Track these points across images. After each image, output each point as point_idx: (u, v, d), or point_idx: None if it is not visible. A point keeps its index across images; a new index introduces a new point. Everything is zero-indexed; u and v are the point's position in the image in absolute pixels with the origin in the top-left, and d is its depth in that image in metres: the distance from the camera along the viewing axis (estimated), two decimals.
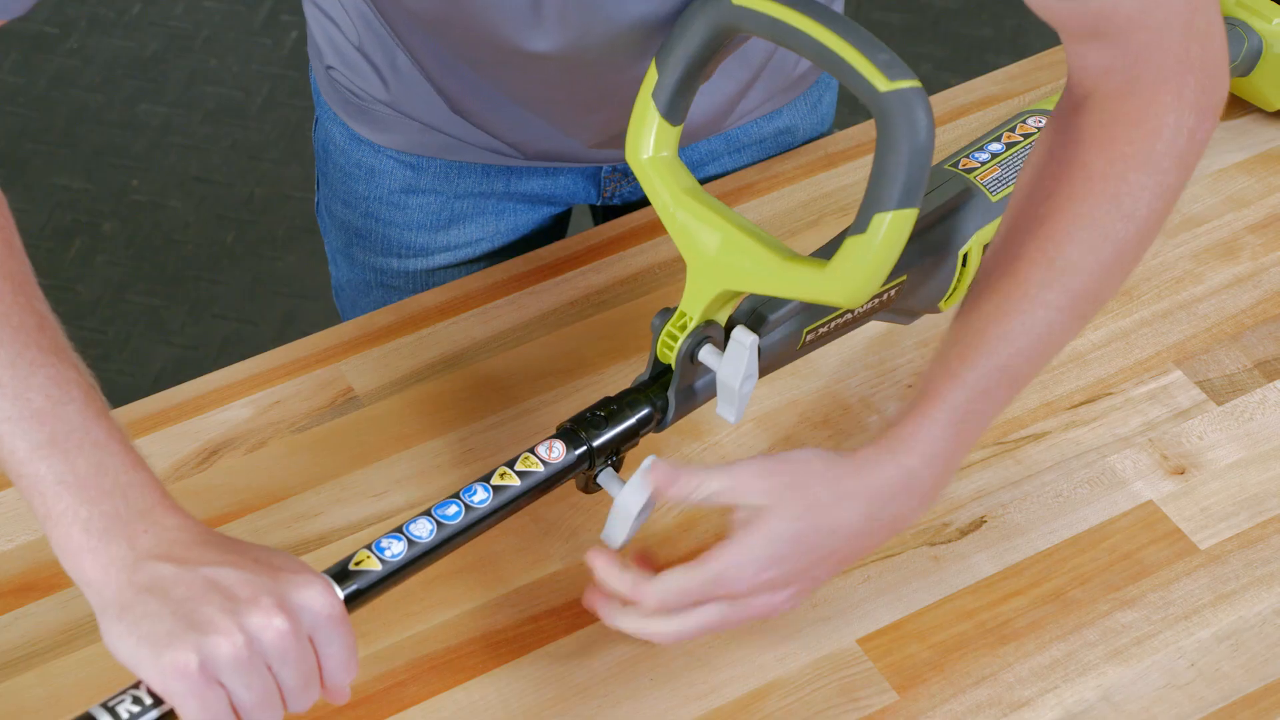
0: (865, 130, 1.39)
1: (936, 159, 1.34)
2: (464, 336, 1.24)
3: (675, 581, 0.96)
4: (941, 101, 1.41)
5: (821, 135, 1.39)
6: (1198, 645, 1.07)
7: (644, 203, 1.34)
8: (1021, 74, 1.44)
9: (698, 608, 0.96)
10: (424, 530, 0.94)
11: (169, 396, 1.20)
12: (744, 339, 0.98)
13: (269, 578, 0.85)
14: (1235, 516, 1.13)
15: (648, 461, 0.97)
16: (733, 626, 0.97)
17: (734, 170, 1.35)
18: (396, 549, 0.93)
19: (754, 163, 1.36)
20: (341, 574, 0.92)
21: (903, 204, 0.88)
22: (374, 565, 0.92)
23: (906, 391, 1.19)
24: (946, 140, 1.38)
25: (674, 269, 1.27)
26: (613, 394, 1.01)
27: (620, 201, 1.36)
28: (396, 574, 0.93)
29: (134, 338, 2.48)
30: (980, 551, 1.11)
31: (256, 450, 1.16)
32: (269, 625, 0.84)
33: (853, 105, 2.88)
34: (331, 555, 1.10)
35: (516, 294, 1.26)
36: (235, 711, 0.84)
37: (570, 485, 1.01)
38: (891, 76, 0.87)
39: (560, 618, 1.08)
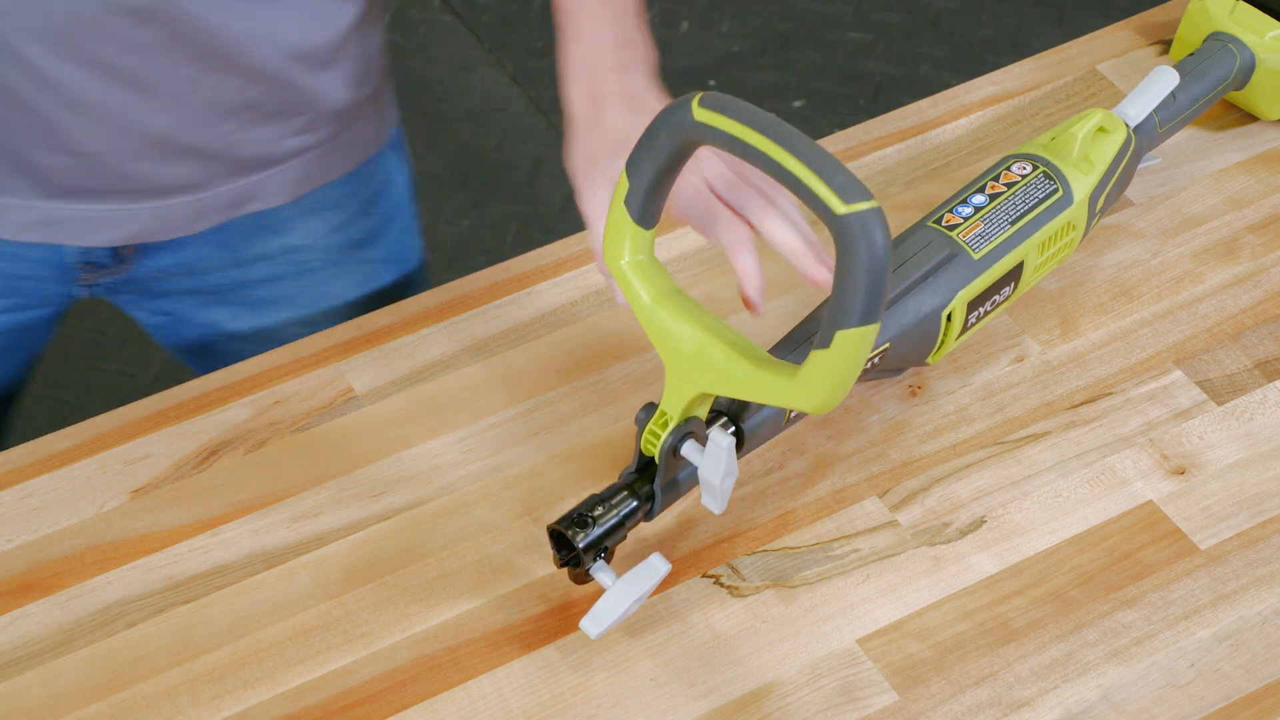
0: (866, 129, 1.39)
1: (932, 176, 1.34)
2: (464, 336, 1.24)
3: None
4: (941, 101, 1.41)
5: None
6: (1198, 645, 1.07)
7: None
8: (1021, 74, 1.44)
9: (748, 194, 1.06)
10: None
11: (169, 396, 1.19)
12: (721, 441, 1.01)
13: None
14: (1235, 516, 1.13)
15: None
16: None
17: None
18: None
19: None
20: None
21: (863, 321, 0.91)
22: None
23: (906, 391, 1.20)
24: (945, 140, 1.37)
25: (673, 270, 1.27)
26: (599, 491, 1.04)
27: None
28: None
29: (134, 338, 2.48)
30: (980, 551, 1.11)
31: (256, 450, 1.16)
32: None
33: (853, 107, 2.88)
34: (331, 555, 1.10)
35: (516, 294, 1.26)
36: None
37: (570, 481, 1.01)
38: (847, 199, 0.89)
39: (560, 617, 1.08)
